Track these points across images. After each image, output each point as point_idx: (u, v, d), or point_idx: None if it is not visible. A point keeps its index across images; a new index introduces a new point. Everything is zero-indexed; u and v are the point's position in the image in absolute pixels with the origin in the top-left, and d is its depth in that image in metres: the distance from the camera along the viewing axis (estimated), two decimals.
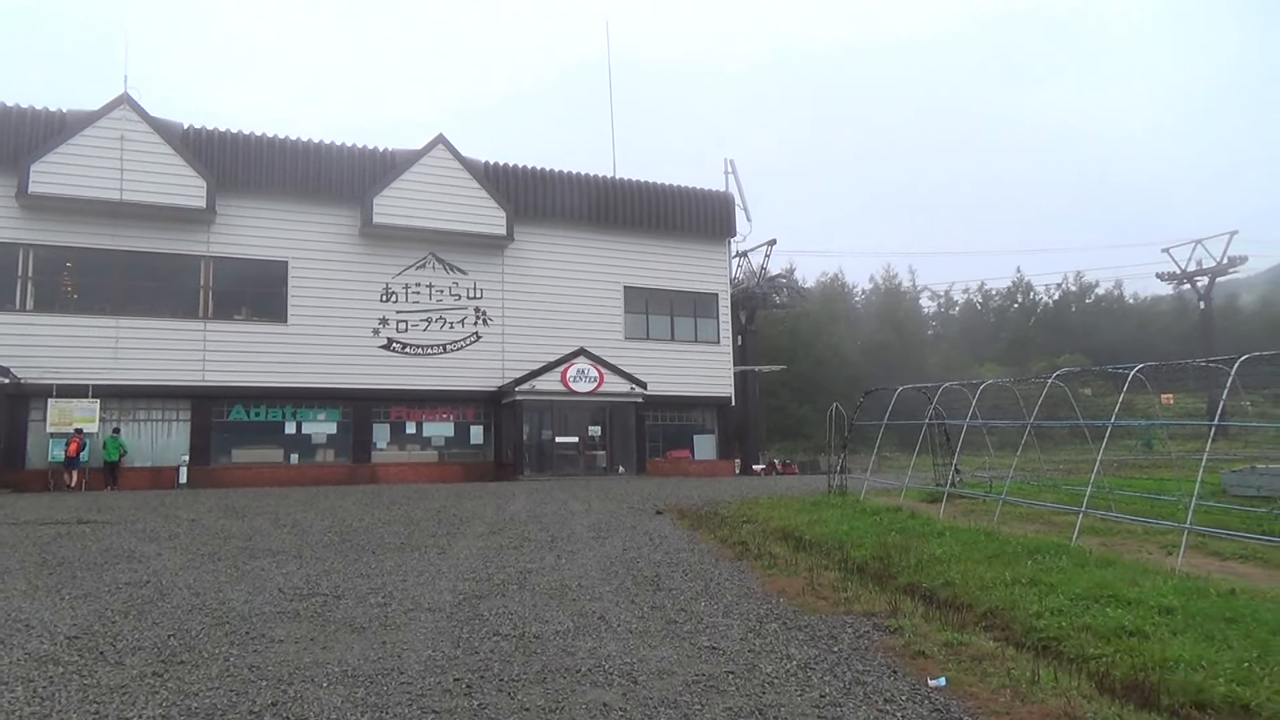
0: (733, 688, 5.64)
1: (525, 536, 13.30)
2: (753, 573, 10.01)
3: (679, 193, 34.82)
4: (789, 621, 7.48)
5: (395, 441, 29.89)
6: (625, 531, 13.93)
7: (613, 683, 5.78)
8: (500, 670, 6.05)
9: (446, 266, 30.75)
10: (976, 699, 5.32)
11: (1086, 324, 78.40)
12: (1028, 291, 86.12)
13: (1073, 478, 19.50)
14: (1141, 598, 7.35)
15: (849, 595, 8.46)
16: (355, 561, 10.85)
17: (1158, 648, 5.99)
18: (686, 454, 34.01)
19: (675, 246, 34.62)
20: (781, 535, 13.09)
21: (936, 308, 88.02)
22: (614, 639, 6.91)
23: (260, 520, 15.59)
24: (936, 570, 9.23)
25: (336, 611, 7.91)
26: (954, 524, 12.93)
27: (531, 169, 32.43)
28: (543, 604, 8.27)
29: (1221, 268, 55.40)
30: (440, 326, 30.44)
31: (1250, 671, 5.40)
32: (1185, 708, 5.05)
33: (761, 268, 42.01)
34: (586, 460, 30.95)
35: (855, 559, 10.47)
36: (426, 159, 30.22)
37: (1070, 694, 5.29)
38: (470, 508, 17.97)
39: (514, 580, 9.52)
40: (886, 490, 19.13)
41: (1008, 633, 6.91)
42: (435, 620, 7.61)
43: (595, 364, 30.64)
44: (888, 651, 6.44)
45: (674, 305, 34.52)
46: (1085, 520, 11.96)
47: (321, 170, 29.05)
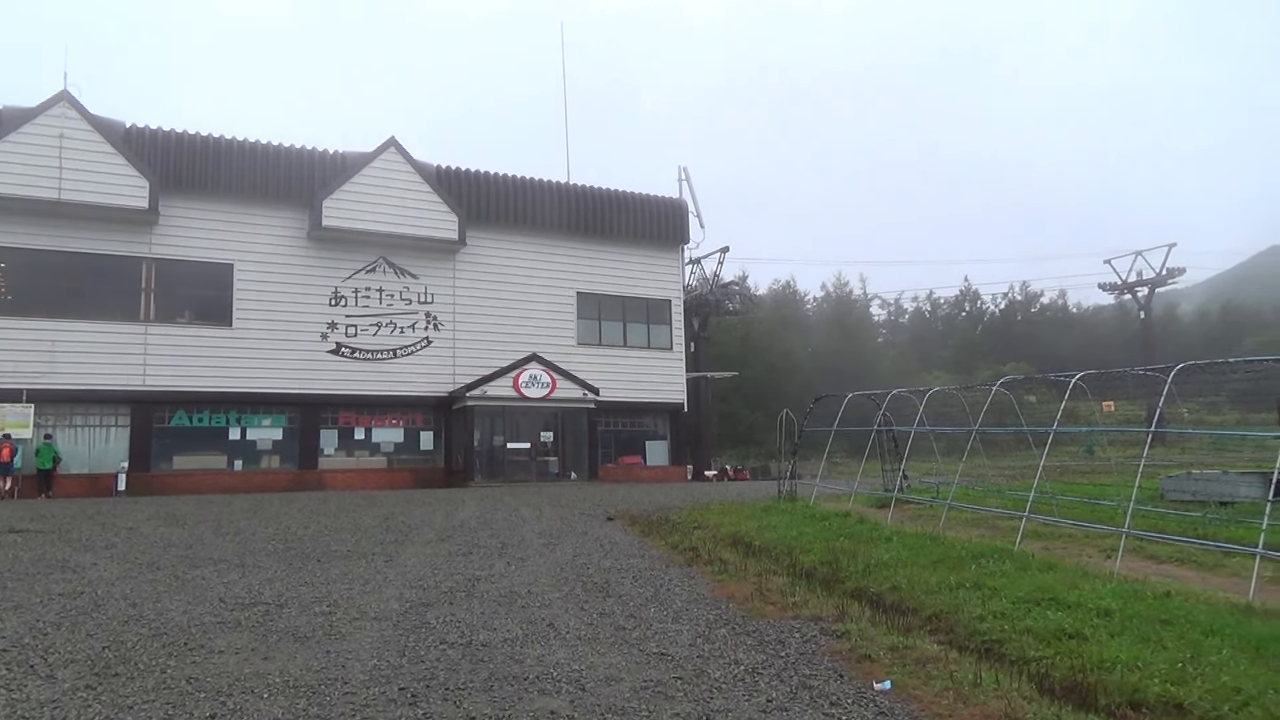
0: (681, 693, 5.63)
1: (475, 544, 13.18)
2: (703, 578, 10.03)
3: (632, 199, 34.87)
4: (738, 627, 7.50)
5: (343, 447, 29.44)
6: (576, 538, 13.88)
7: (560, 690, 5.74)
8: (446, 679, 5.98)
9: (397, 270, 30.42)
10: (920, 702, 5.38)
11: (1032, 333, 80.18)
12: (975, 300, 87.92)
13: (1017, 483, 19.88)
14: (1081, 600, 7.51)
15: (797, 600, 8.51)
16: (300, 570, 10.66)
17: (1096, 649, 6.12)
18: (639, 460, 34.03)
19: (628, 252, 34.66)
20: (732, 541, 13.14)
21: (886, 315, 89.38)
22: (563, 646, 6.87)
23: (202, 528, 15.25)
24: (883, 575, 9.33)
25: (279, 621, 7.75)
26: (901, 529, 13.10)
27: (484, 173, 32.24)
28: (491, 612, 8.20)
29: (1161, 279, 56.93)
30: (390, 331, 30.09)
31: (1184, 671, 5.54)
32: (1121, 707, 5.16)
33: (714, 274, 42.22)
34: (538, 466, 30.79)
35: (804, 564, 10.55)
36: (378, 162, 29.87)
37: (1011, 695, 5.38)
38: (419, 515, 17.77)
39: (462, 588, 9.42)
40: (836, 496, 19.32)
41: (952, 636, 7.00)
42: (381, 629, 7.50)
43: (547, 370, 30.51)
44: (834, 655, 6.49)
45: (627, 311, 34.54)
46: (1028, 525, 12.19)
47: (270, 171, 28.56)
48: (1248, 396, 30.31)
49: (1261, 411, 29.91)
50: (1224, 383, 22.18)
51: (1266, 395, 19.06)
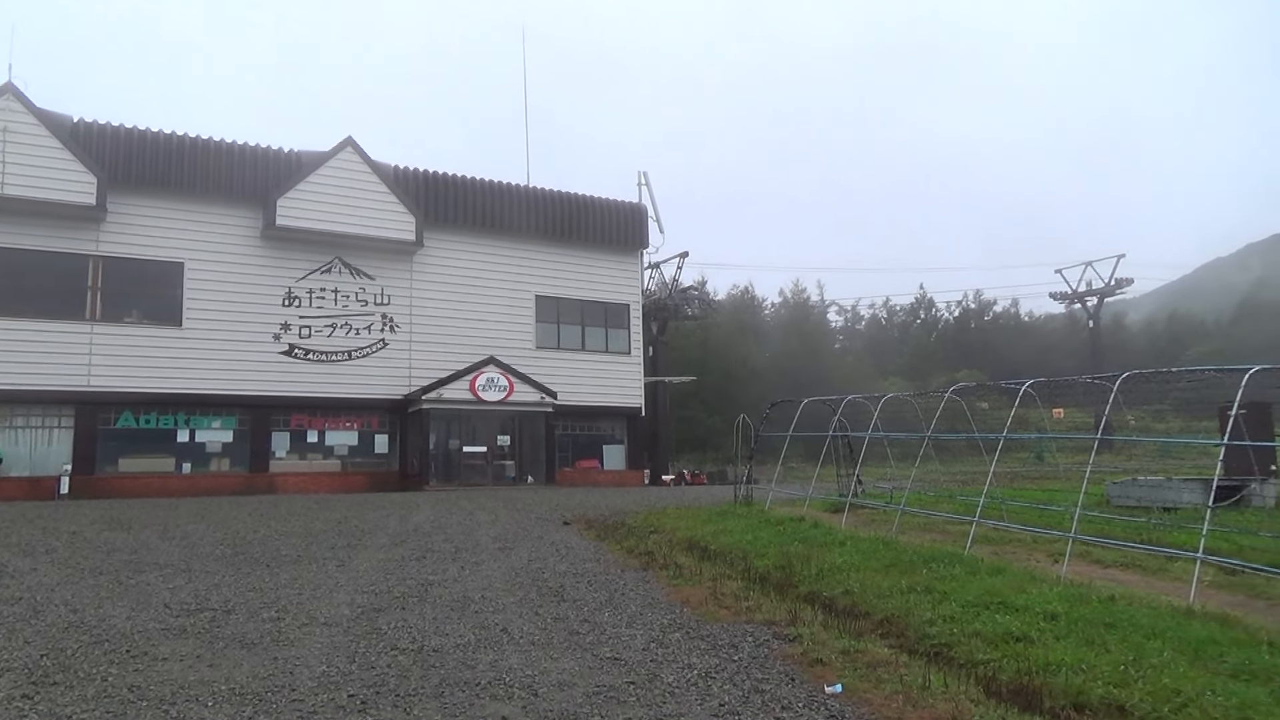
0: (633, 698, 5.63)
1: (428, 548, 13.05)
2: (658, 583, 10.04)
3: (592, 203, 34.85)
4: (692, 631, 7.52)
5: (295, 450, 28.99)
6: (531, 542, 13.82)
7: (513, 695, 5.71)
8: (397, 685, 5.91)
9: (353, 271, 30.06)
10: (870, 705, 5.43)
11: (985, 340, 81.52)
12: (930, 308, 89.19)
13: (968, 488, 20.15)
14: (1029, 604, 7.63)
15: (751, 604, 8.55)
16: (248, 575, 10.47)
17: (1042, 652, 6.22)
18: (596, 464, 33.99)
19: (588, 257, 34.62)
20: (687, 545, 13.16)
21: (843, 322, 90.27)
22: (516, 651, 6.83)
23: (147, 533, 14.92)
24: (836, 579, 9.40)
25: (226, 627, 7.61)
26: (855, 534, 13.21)
27: (443, 174, 32.00)
28: (444, 617, 8.13)
29: (1109, 289, 58.26)
30: (345, 332, 29.72)
31: (1126, 674, 5.65)
32: (1066, 709, 5.25)
33: (673, 279, 42.36)
34: (495, 470, 30.60)
35: (758, 568, 10.59)
36: (334, 161, 29.51)
37: (959, 698, 5.46)
38: (373, 519, 17.56)
39: (415, 593, 9.33)
40: (791, 500, 19.44)
41: (903, 639, 7.08)
42: (331, 635, 7.39)
43: (505, 373, 30.35)
44: (786, 659, 6.53)
45: (585, 315, 34.49)
46: (979, 530, 12.37)
47: (223, 169, 28.06)
48: (1191, 405, 31.09)
49: (1204, 419, 30.68)
50: (1169, 391, 22.76)
51: (1209, 404, 19.54)
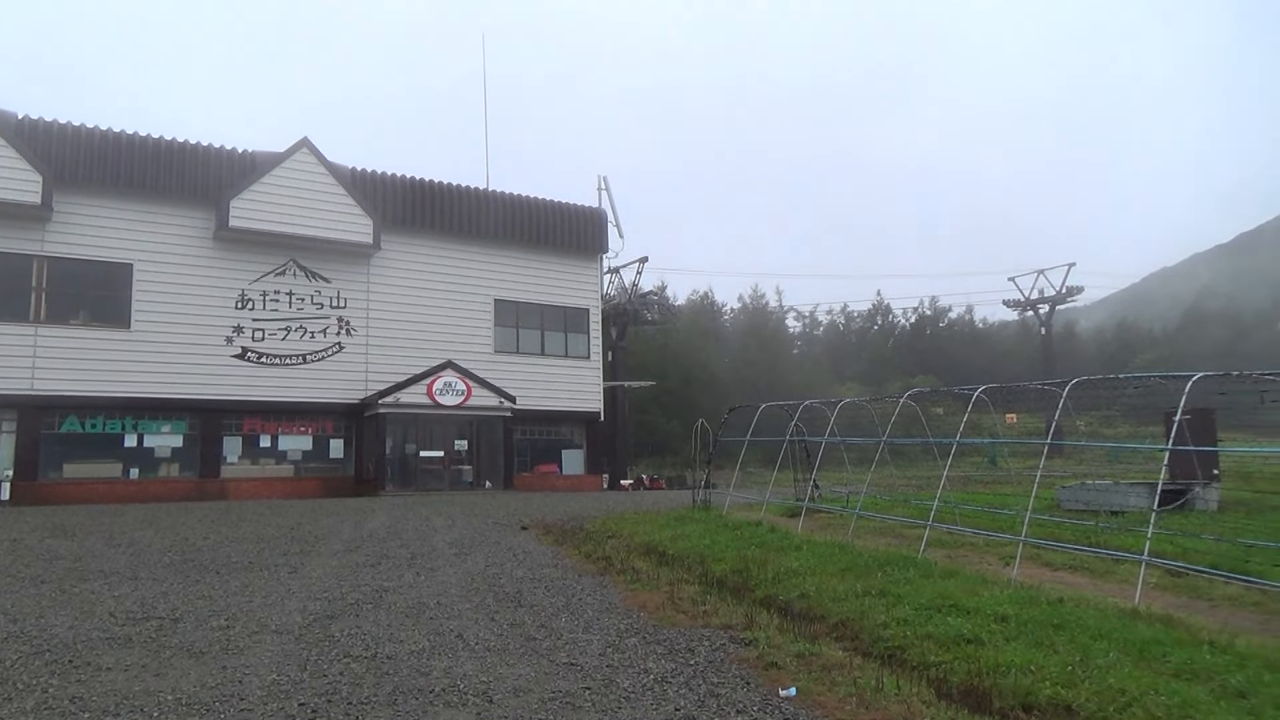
0: (589, 704, 5.61)
1: (383, 554, 12.91)
2: (615, 588, 10.02)
3: (552, 207, 34.76)
4: (648, 636, 7.51)
5: (248, 455, 28.48)
6: (488, 547, 13.73)
7: (467, 702, 5.66)
8: (349, 693, 5.83)
9: (309, 274, 29.64)
10: (824, 707, 5.47)
11: (940, 346, 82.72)
12: (887, 314, 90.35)
13: (923, 493, 20.42)
14: (980, 607, 7.74)
15: (708, 609, 8.58)
16: (197, 582, 10.27)
17: (992, 654, 6.32)
18: (554, 469, 33.85)
19: (547, 261, 34.51)
20: (645, 550, 13.16)
21: (802, 328, 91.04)
22: (471, 658, 6.78)
23: (92, 540, 14.56)
24: (792, 583, 9.46)
25: (173, 636, 7.45)
26: (811, 538, 13.31)
27: (401, 177, 31.69)
28: (398, 623, 8.04)
29: (1061, 296, 59.41)
30: (300, 336, 29.29)
31: (1073, 674, 5.76)
32: (1014, 710, 5.34)
33: (633, 284, 42.38)
34: (452, 475, 30.35)
35: (716, 573, 10.62)
36: (289, 162, 29.08)
37: (911, 700, 5.52)
38: (326, 524, 17.32)
39: (369, 599, 9.21)
40: (749, 505, 19.54)
41: (857, 642, 7.14)
42: (282, 643, 7.28)
43: (463, 377, 30.13)
44: (742, 663, 6.56)
45: (545, 319, 34.38)
46: (932, 534, 12.52)
47: (174, 169, 27.50)
48: (1139, 410, 31.77)
49: (1151, 425, 31.42)
50: (1117, 397, 23.25)
51: (1155, 409, 20.00)
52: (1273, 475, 21.58)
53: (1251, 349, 75.32)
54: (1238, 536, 11.94)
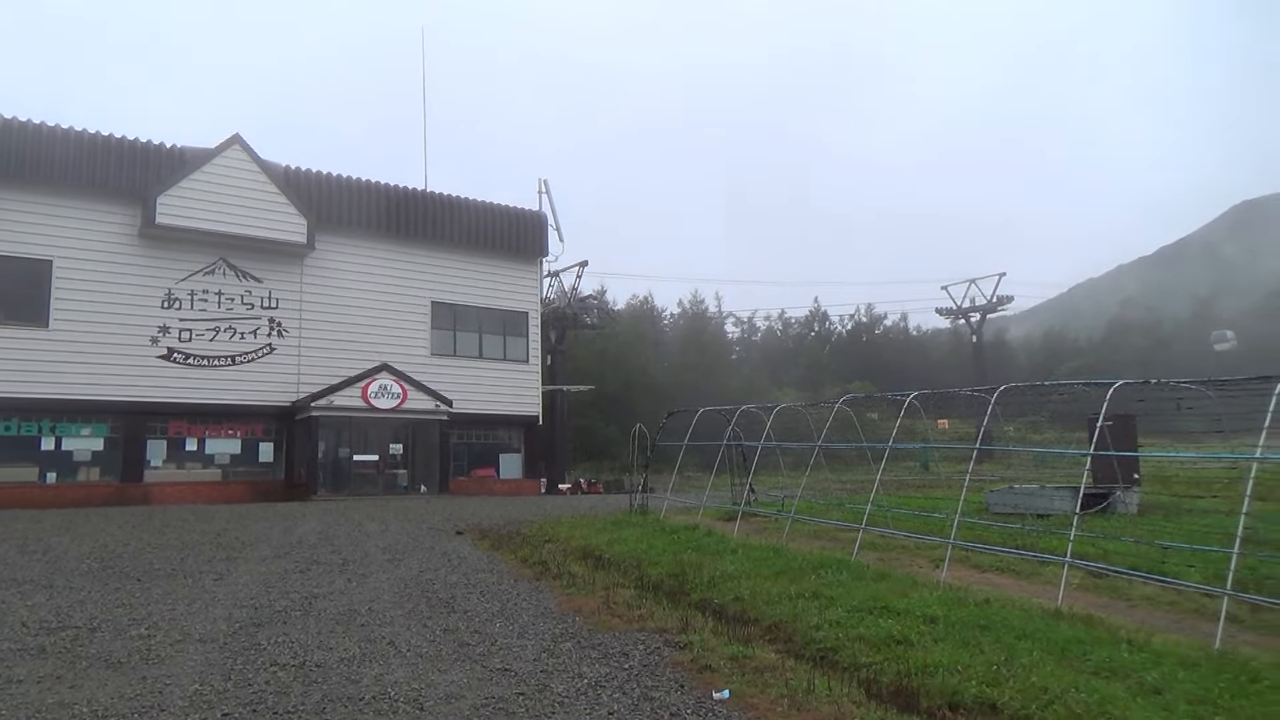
0: (522, 709, 5.57)
1: (314, 559, 12.64)
2: (551, 592, 9.97)
3: (491, 210, 34.50)
4: (583, 640, 7.48)
5: (173, 459, 27.62)
6: (422, 553, 13.54)
7: (398, 709, 5.58)
8: (275, 702, 5.71)
9: (239, 273, 28.91)
10: (756, 709, 5.51)
11: (876, 353, 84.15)
12: (824, 321, 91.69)
13: (857, 496, 20.72)
14: (910, 608, 7.88)
15: (643, 613, 8.57)
16: (117, 590, 9.92)
17: (921, 654, 6.43)
18: (492, 473, 33.57)
19: (486, 263, 34.23)
20: (582, 554, 13.12)
21: (740, 333, 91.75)
22: (402, 664, 6.68)
23: (4, 546, 13.98)
24: (727, 586, 9.51)
25: (90, 646, 7.19)
26: (746, 541, 13.41)
27: (336, 176, 31.15)
28: (328, 631, 7.88)
29: (991, 305, 60.93)
30: (230, 336, 28.55)
31: (999, 673, 5.90)
32: (941, 709, 5.44)
33: (573, 288, 42.30)
34: (386, 479, 29.87)
35: (652, 577, 10.63)
36: (220, 159, 28.36)
37: (841, 701, 5.59)
38: (255, 530, 16.90)
39: (298, 606, 9.01)
40: (686, 509, 19.60)
41: (790, 644, 7.21)
42: (206, 652, 7.08)
43: (399, 380, 29.69)
44: (676, 667, 6.57)
45: (483, 322, 34.09)
46: (865, 537, 12.72)
47: (98, 163, 26.59)
48: (1065, 417, 32.68)
49: (1078, 430, 32.37)
50: (1045, 404, 23.87)
51: (1080, 416, 20.62)
52: (1189, 479, 22.38)
53: (1171, 358, 78.26)
54: (1155, 539, 12.36)
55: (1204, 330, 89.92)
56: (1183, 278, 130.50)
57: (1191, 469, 23.83)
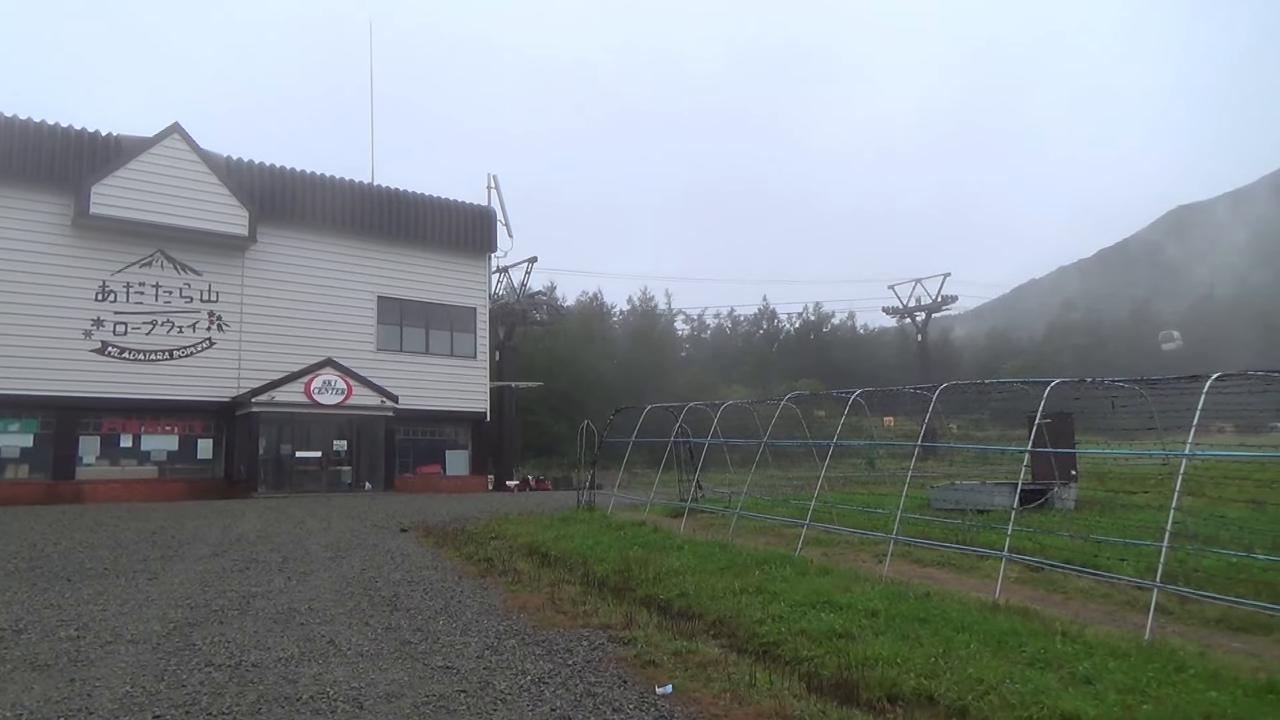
0: (464, 707, 5.52)
1: (253, 558, 12.39)
2: (496, 589, 9.90)
3: (439, 204, 34.12)
4: (527, 637, 7.44)
5: (106, 456, 26.82)
6: (365, 550, 13.35)
7: (336, 709, 5.49)
8: (209, 704, 5.58)
9: (178, 266, 28.17)
10: (699, 704, 5.53)
11: (824, 351, 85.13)
12: (772, 319, 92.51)
13: (803, 493, 20.90)
14: (852, 603, 7.98)
15: (588, 609, 8.56)
16: (45, 591, 9.61)
17: (861, 648, 6.51)
18: (438, 470, 33.22)
19: (433, 258, 33.84)
20: (528, 551, 13.05)
21: (690, 331, 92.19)
22: (342, 663, 6.57)
23: None
24: (673, 582, 9.54)
25: (15, 648, 6.96)
26: (693, 538, 13.46)
27: (280, 168, 30.52)
28: (266, 630, 7.72)
29: (936, 305, 61.82)
30: (167, 330, 27.81)
31: (937, 665, 6.00)
32: (880, 701, 5.52)
33: (522, 284, 42.06)
34: (330, 476, 29.38)
35: (598, 573, 10.61)
36: (159, 148, 27.59)
37: (783, 694, 5.63)
38: (192, 528, 16.51)
39: (235, 606, 8.82)
40: (633, 506, 19.62)
41: (734, 639, 7.25)
42: (138, 653, 6.89)
43: (343, 375, 29.22)
44: (620, 662, 6.56)
45: (430, 318, 33.69)
46: (810, 533, 12.85)
47: (28, 150, 25.66)
48: (1006, 415, 33.36)
49: (1019, 428, 33.06)
50: (986, 402, 24.33)
51: (1020, 413, 21.02)
52: (1124, 475, 22.98)
53: (1108, 357, 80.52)
54: (1090, 533, 12.68)
55: (1142, 330, 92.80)
56: (1121, 279, 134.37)
57: (1126, 465, 24.48)
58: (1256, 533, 12.21)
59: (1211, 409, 9.67)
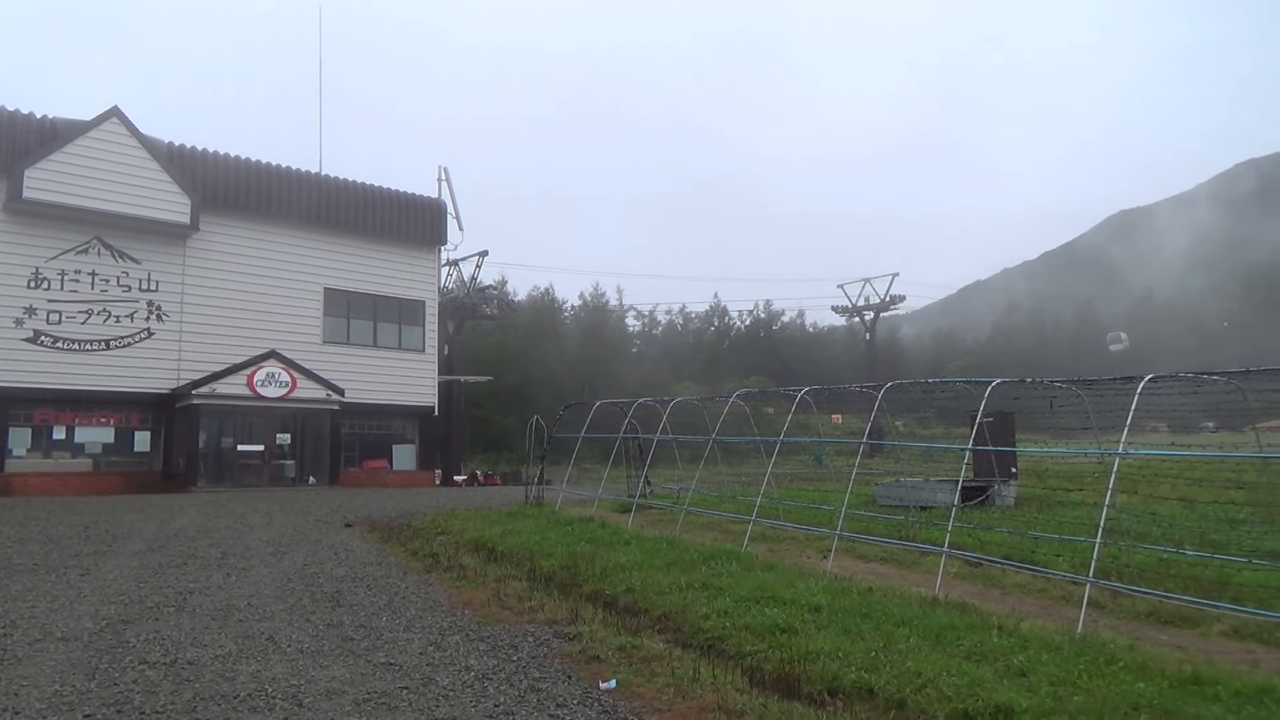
0: (406, 703, 5.47)
1: (191, 553, 12.12)
2: (441, 585, 9.81)
3: (389, 196, 33.67)
4: (472, 633, 7.40)
5: (38, 448, 26.03)
6: (308, 546, 13.14)
7: (274, 707, 5.40)
8: (142, 702, 5.45)
9: (115, 253, 27.41)
10: (642, 698, 5.54)
11: (774, 349, 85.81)
12: (723, 316, 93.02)
13: (751, 489, 21.07)
14: (795, 598, 8.06)
15: (534, 605, 8.53)
16: None
17: (804, 642, 6.58)
18: (385, 464, 32.81)
19: (382, 250, 33.39)
20: (474, 547, 12.96)
21: (641, 327, 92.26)
22: (282, 660, 6.46)
23: None
24: (620, 578, 9.55)
25: None
26: (640, 533, 13.48)
27: (225, 156, 29.85)
28: (203, 627, 7.56)
29: (885, 304, 62.67)
30: (104, 319, 27.06)
31: (877, 659, 6.09)
32: (821, 694, 5.59)
33: (472, 278, 41.68)
34: (272, 470, 28.86)
35: (544, 569, 10.58)
36: (97, 132, 26.80)
37: (726, 688, 5.67)
38: (128, 522, 16.10)
39: (171, 602, 8.63)
40: (582, 501, 19.60)
41: (679, 634, 7.28)
42: (68, 651, 6.70)
43: (288, 368, 28.72)
44: (565, 658, 6.55)
45: (378, 310, 33.24)
46: (756, 529, 12.96)
47: None
48: (950, 413, 33.92)
49: (963, 426, 33.60)
50: (932, 400, 24.75)
51: (965, 412, 21.42)
52: (1063, 474, 23.54)
53: (1051, 358, 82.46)
54: (1028, 530, 12.99)
55: (1084, 331, 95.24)
56: (1065, 281, 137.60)
57: (1064, 464, 25.09)
58: (1186, 529, 12.62)
59: (1146, 409, 9.96)
